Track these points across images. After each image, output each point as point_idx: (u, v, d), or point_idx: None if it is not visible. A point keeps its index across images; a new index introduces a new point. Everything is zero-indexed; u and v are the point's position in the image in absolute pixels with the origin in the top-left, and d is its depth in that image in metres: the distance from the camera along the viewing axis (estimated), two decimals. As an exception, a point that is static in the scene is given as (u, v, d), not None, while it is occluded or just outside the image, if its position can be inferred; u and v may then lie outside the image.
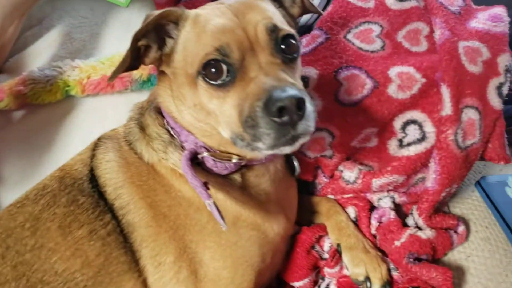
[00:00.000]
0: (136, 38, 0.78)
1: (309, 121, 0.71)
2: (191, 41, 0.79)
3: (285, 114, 0.66)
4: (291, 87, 0.69)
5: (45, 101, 1.15)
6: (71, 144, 1.15)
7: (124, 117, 1.03)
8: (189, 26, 0.81)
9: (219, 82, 0.75)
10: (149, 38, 0.81)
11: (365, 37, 1.07)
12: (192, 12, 0.82)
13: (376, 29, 1.08)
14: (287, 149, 0.72)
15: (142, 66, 1.18)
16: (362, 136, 1.02)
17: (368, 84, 1.00)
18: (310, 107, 0.71)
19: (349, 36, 1.09)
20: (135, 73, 1.18)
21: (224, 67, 0.74)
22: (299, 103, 0.67)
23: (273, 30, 0.77)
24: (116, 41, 1.27)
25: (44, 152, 1.14)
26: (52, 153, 1.15)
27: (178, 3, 1.33)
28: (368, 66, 1.02)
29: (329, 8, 1.14)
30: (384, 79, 0.99)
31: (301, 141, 0.71)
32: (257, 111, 0.68)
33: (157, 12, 0.79)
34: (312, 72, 1.04)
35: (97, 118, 1.17)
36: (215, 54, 0.74)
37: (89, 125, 1.16)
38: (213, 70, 0.75)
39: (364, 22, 1.10)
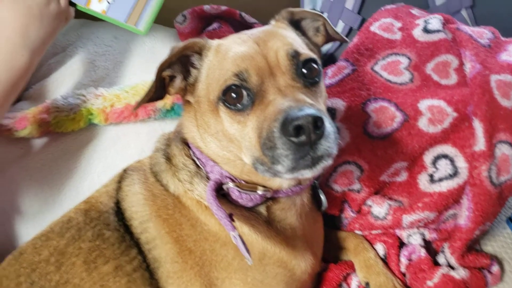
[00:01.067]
0: (161, 69, 0.80)
1: (330, 142, 0.68)
2: (213, 69, 0.81)
3: (302, 133, 0.65)
4: (309, 106, 0.68)
5: (68, 129, 1.15)
6: (93, 172, 1.14)
7: (147, 145, 1.02)
8: (212, 55, 0.83)
9: (239, 106, 0.76)
10: (173, 69, 0.84)
11: (393, 69, 1.06)
12: (215, 42, 0.85)
13: (404, 61, 1.07)
14: (307, 173, 0.69)
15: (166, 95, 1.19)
16: (392, 170, 1.00)
17: (398, 117, 0.98)
18: (330, 127, 0.69)
19: (377, 68, 1.08)
20: (159, 102, 1.18)
21: (244, 92, 0.75)
22: (317, 122, 0.65)
23: (294, 55, 0.78)
24: (140, 70, 1.28)
25: (66, 181, 1.13)
26: (74, 181, 1.14)
27: (202, 33, 1.33)
28: (397, 98, 1.00)
29: (355, 39, 1.14)
30: (414, 112, 0.97)
31: (322, 164, 0.69)
32: (274, 132, 0.67)
33: (181, 44, 0.82)
34: (339, 103, 1.03)
35: (119, 147, 1.17)
36: (234, 80, 0.75)
37: (111, 154, 1.16)
38: (233, 95, 0.76)
39: (392, 54, 1.09)
